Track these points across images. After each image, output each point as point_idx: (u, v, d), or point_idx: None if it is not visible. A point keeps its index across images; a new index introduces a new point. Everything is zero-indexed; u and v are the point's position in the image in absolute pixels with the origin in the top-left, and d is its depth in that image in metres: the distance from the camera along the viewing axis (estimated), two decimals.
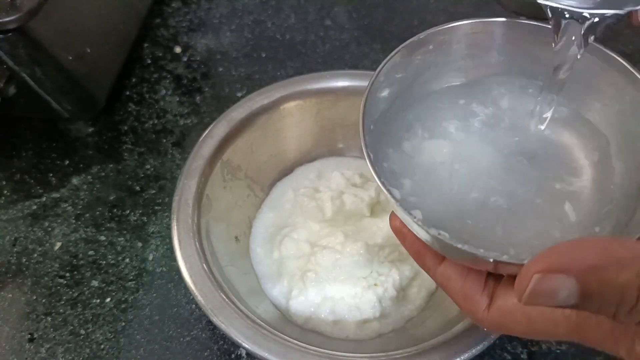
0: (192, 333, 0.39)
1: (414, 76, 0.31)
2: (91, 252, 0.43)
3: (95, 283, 0.42)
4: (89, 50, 0.47)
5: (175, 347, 0.39)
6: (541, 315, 0.23)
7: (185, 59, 0.56)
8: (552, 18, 0.26)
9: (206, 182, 0.39)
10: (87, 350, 0.39)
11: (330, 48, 0.56)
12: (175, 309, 0.40)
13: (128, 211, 0.45)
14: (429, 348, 0.32)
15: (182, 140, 0.50)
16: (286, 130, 0.44)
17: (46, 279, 0.42)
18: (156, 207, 0.46)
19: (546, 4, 0.26)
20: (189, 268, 0.34)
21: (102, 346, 0.39)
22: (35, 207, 0.46)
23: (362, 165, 0.39)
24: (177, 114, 0.52)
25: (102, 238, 0.44)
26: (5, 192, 0.47)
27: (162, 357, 0.38)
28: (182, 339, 0.39)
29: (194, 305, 0.40)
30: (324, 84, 0.44)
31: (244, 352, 0.39)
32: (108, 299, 0.41)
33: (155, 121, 0.51)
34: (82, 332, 0.40)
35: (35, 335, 0.39)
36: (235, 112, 0.42)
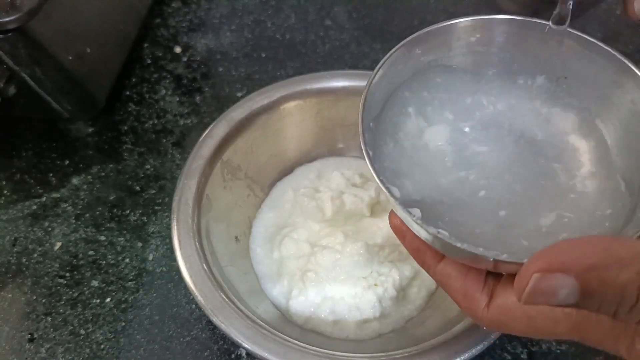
0: (192, 333, 0.39)
1: (413, 74, 0.31)
2: (91, 252, 0.43)
3: (95, 283, 0.42)
4: (89, 50, 0.47)
5: (175, 347, 0.39)
6: (541, 314, 0.23)
7: (185, 59, 0.56)
8: None
9: (206, 182, 0.39)
10: (87, 350, 0.39)
11: (330, 48, 0.56)
12: (175, 309, 0.40)
13: (128, 211, 0.45)
14: (429, 348, 0.32)
15: (182, 140, 0.50)
16: (286, 130, 0.44)
17: (46, 279, 0.42)
18: (156, 207, 0.46)
19: None
20: (189, 268, 0.34)
21: (102, 346, 0.39)
22: (35, 207, 0.46)
23: (362, 165, 0.39)
24: (177, 114, 0.52)
25: (102, 238, 0.44)
26: (5, 192, 0.47)
27: (162, 357, 0.38)
28: (182, 339, 0.39)
29: (194, 305, 0.40)
30: (324, 84, 0.44)
31: (244, 352, 0.39)
32: (108, 299, 0.41)
33: (155, 121, 0.51)
34: (82, 332, 0.40)
35: (35, 335, 0.39)
36: (235, 112, 0.42)
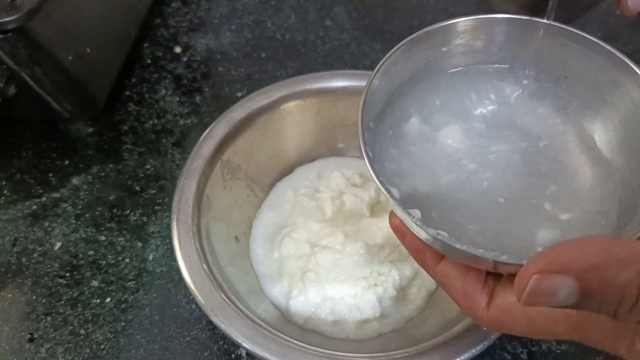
0: (192, 333, 0.39)
1: (413, 74, 0.31)
2: (91, 252, 0.43)
3: (95, 283, 0.42)
4: (89, 50, 0.47)
5: (175, 347, 0.39)
6: (541, 314, 0.23)
7: (185, 59, 0.56)
8: None
9: (206, 182, 0.39)
10: (87, 350, 0.39)
11: (330, 48, 0.56)
12: (175, 309, 0.40)
13: (128, 211, 0.45)
14: (429, 348, 0.32)
15: (182, 140, 0.50)
16: (286, 130, 0.44)
17: (46, 279, 0.42)
18: (156, 207, 0.46)
19: None
20: (189, 268, 0.34)
21: (102, 346, 0.39)
22: (35, 207, 0.46)
23: (362, 165, 0.39)
24: (177, 114, 0.52)
25: (102, 238, 0.44)
26: (5, 192, 0.47)
27: (162, 357, 0.38)
28: (182, 339, 0.39)
29: (194, 305, 0.40)
30: (324, 84, 0.44)
31: (244, 352, 0.39)
32: (108, 299, 0.41)
33: (155, 121, 0.51)
34: (82, 332, 0.40)
35: (35, 335, 0.39)
36: (235, 112, 0.42)
